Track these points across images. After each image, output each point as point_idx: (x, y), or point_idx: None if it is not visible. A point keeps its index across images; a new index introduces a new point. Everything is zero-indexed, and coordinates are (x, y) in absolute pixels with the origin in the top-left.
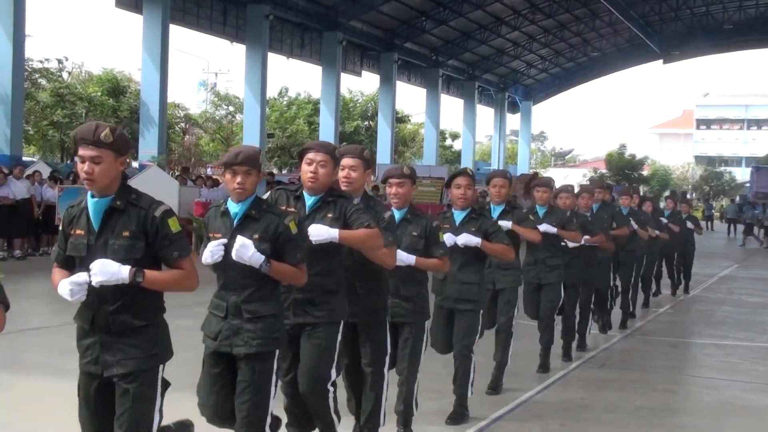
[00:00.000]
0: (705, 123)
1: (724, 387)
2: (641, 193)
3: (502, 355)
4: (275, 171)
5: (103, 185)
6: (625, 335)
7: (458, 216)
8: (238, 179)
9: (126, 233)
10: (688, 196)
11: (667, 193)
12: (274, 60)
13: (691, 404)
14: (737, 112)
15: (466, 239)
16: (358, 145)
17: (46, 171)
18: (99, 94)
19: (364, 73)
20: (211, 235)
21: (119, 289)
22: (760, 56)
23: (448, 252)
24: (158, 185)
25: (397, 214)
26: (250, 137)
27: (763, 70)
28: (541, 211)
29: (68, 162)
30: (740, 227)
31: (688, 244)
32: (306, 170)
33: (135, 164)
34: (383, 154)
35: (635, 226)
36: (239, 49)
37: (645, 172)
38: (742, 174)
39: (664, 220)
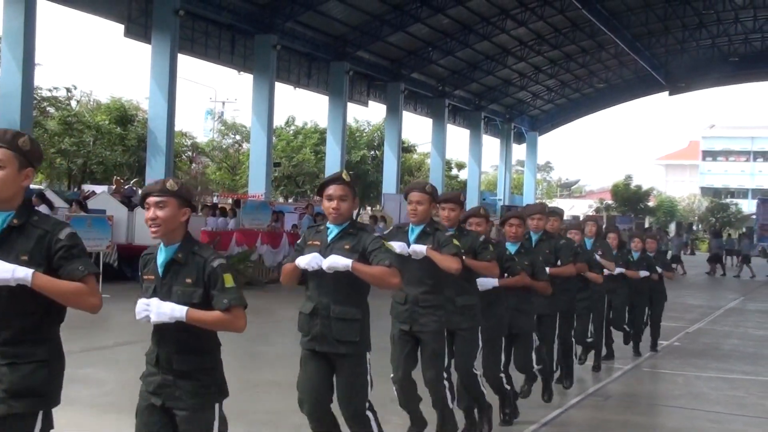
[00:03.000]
0: (711, 155)
1: (730, 421)
2: (610, 224)
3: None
4: (281, 200)
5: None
6: (630, 368)
7: (413, 231)
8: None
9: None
10: (694, 228)
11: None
12: (281, 89)
13: None
14: (743, 143)
15: (414, 249)
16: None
17: (54, 199)
18: (107, 122)
19: (370, 102)
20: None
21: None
22: (766, 88)
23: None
24: None
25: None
26: (257, 166)
27: None
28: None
29: (75, 189)
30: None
31: (655, 291)
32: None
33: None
34: (389, 184)
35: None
36: (247, 79)
37: (651, 203)
38: (749, 206)
39: (644, 273)
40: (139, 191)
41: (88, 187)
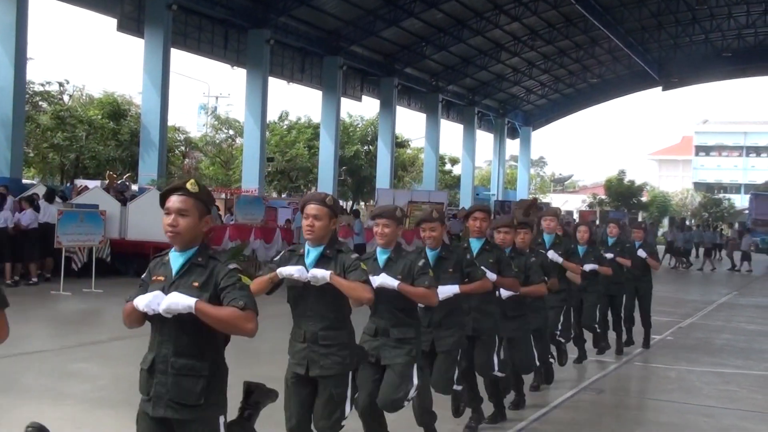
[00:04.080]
0: (704, 150)
1: (722, 415)
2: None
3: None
4: (275, 195)
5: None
6: (623, 362)
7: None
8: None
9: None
10: (687, 223)
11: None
12: (275, 84)
13: None
14: (736, 139)
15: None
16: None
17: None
18: (99, 117)
19: (364, 97)
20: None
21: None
22: (759, 83)
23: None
24: (158, 208)
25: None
26: (250, 161)
27: (762, 98)
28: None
29: (68, 184)
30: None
31: (642, 282)
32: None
33: (135, 187)
34: (383, 179)
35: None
36: (240, 74)
37: (644, 199)
38: (741, 201)
39: (610, 255)
40: (133, 186)
41: (80, 182)
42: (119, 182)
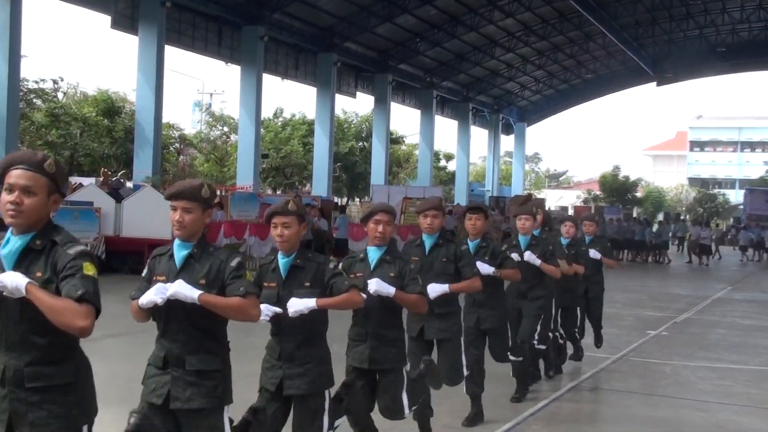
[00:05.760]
0: (698, 145)
1: (717, 410)
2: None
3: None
4: (269, 191)
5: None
6: (618, 357)
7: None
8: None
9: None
10: (682, 218)
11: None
12: (269, 81)
13: (684, 427)
14: (731, 134)
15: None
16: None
17: None
18: (94, 114)
19: (358, 94)
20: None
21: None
22: (753, 78)
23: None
24: (153, 205)
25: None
26: (245, 158)
27: (756, 93)
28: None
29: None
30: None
31: (591, 283)
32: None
33: (129, 184)
34: (377, 175)
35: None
36: (234, 70)
37: (639, 194)
38: (736, 196)
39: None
40: (128, 183)
41: (75, 179)
42: (114, 179)
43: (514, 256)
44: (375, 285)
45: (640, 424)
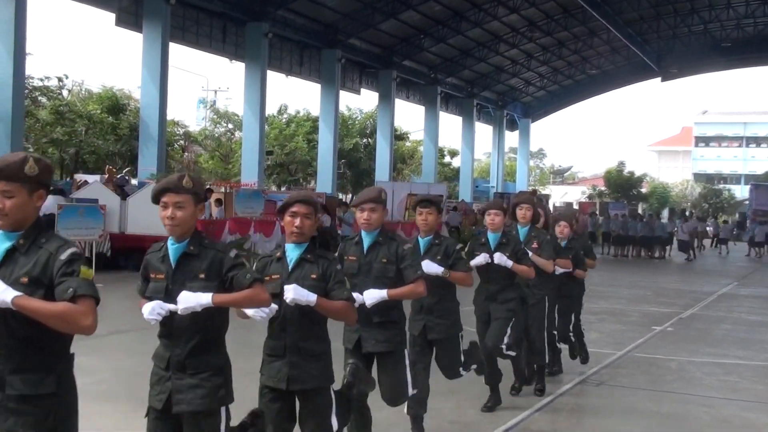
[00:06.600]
0: (704, 140)
1: (723, 405)
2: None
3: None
4: (274, 188)
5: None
6: (624, 353)
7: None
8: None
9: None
10: (687, 213)
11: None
12: (273, 77)
13: (689, 423)
14: (736, 129)
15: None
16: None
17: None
18: (98, 111)
19: (362, 90)
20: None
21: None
22: (759, 74)
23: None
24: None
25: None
26: (249, 154)
27: (761, 88)
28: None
29: (67, 179)
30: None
31: (571, 285)
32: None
33: (134, 181)
34: (382, 172)
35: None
36: (238, 67)
37: (644, 190)
38: (741, 191)
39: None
40: (132, 180)
41: (80, 177)
42: (119, 176)
43: (483, 256)
44: (292, 293)
45: (646, 420)
